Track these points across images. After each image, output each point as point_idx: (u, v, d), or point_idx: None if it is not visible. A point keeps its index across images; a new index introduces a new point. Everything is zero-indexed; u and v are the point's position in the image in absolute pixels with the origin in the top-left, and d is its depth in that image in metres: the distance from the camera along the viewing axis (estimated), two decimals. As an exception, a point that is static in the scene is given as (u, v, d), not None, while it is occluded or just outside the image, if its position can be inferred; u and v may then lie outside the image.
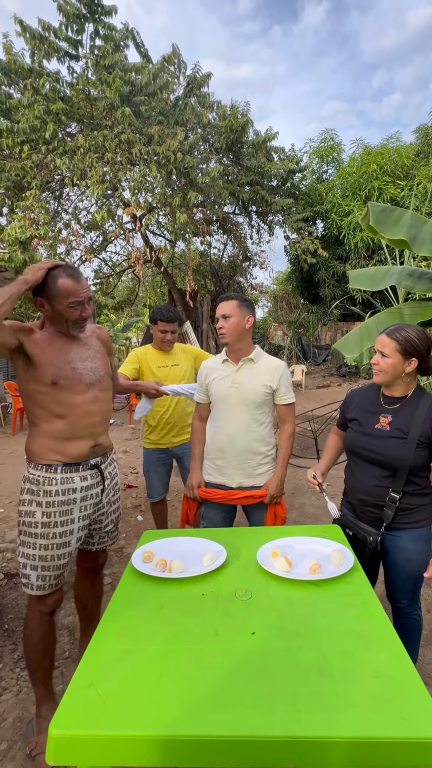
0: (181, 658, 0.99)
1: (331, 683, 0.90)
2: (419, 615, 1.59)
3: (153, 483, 2.60)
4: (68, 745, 0.82)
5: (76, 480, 1.47)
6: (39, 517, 1.42)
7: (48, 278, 1.39)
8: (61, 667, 1.83)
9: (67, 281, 1.38)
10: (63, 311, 1.41)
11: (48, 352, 1.42)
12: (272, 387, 1.80)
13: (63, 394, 1.43)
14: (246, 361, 1.81)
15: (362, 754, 0.80)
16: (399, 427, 1.43)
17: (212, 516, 1.90)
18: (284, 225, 10.79)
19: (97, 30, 7.67)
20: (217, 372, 1.86)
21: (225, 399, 1.81)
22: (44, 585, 1.44)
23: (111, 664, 0.98)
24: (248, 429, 1.79)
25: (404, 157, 11.96)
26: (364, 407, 1.55)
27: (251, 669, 0.95)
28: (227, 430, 1.81)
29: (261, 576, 1.30)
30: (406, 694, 0.87)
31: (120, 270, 12.48)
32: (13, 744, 1.49)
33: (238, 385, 1.79)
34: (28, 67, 7.49)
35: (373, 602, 1.16)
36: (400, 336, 1.41)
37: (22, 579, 1.45)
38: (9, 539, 3.04)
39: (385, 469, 1.46)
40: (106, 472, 1.59)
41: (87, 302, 1.44)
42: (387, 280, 3.29)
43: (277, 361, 1.87)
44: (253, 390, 1.78)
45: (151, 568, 1.33)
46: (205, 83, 8.65)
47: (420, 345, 1.40)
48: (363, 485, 1.52)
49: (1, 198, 8.02)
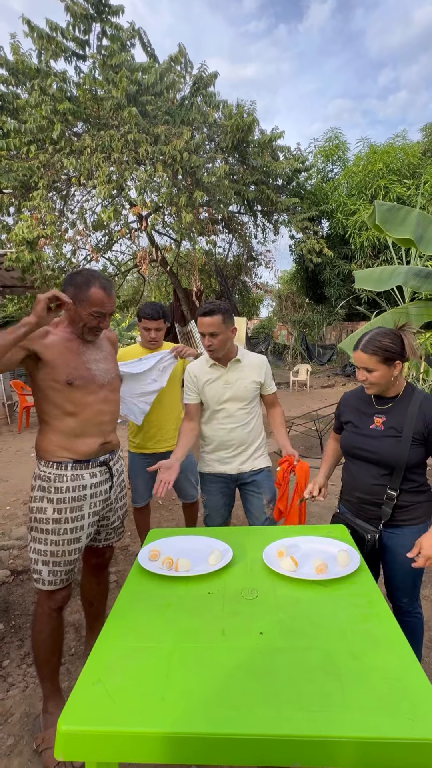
0: (188, 657, 1.00)
1: (338, 683, 0.90)
2: (420, 614, 1.59)
3: (138, 487, 2.54)
4: (77, 740, 0.83)
5: (86, 477, 1.50)
6: (50, 514, 1.44)
7: (82, 281, 1.45)
8: (67, 664, 1.84)
9: (99, 292, 1.45)
10: (84, 317, 1.46)
11: (63, 353, 1.46)
12: (260, 381, 1.97)
13: (77, 393, 1.46)
14: (234, 362, 1.93)
15: (369, 754, 0.80)
16: (393, 426, 1.45)
17: (214, 503, 2.01)
18: (289, 224, 10.77)
19: (104, 30, 7.70)
20: (207, 376, 1.94)
21: (218, 399, 1.93)
22: (55, 580, 1.46)
23: (118, 662, 0.99)
24: (245, 422, 1.95)
25: (411, 155, 11.89)
26: (358, 409, 1.58)
27: (257, 668, 0.96)
28: (227, 426, 1.94)
29: (267, 575, 1.30)
30: (413, 695, 0.87)
31: (125, 269, 12.52)
32: (20, 739, 1.51)
33: (230, 384, 1.92)
34: (35, 67, 7.53)
35: (380, 603, 1.16)
36: (376, 347, 1.41)
37: (34, 574, 1.47)
38: (15, 536, 3.06)
39: (382, 467, 1.47)
40: (114, 469, 1.62)
41: (108, 316, 1.50)
42: (393, 280, 3.27)
43: (260, 357, 2.02)
44: (245, 387, 1.93)
45: (157, 567, 1.33)
46: (211, 83, 8.65)
47: (397, 347, 1.42)
48: (361, 484, 1.54)
49: (9, 198, 8.07)
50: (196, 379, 1.95)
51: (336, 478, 4.71)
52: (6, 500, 3.89)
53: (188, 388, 1.98)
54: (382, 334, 1.43)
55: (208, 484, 2.03)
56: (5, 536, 3.10)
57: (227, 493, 2.03)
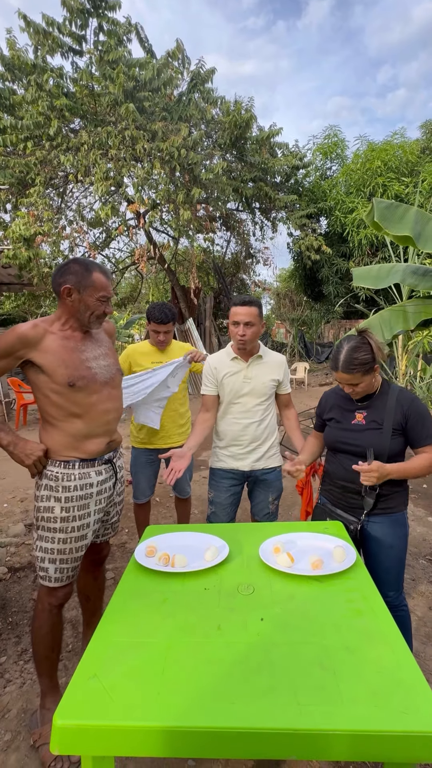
0: (184, 651, 1.00)
1: (333, 677, 0.91)
2: (406, 606, 1.63)
3: (140, 483, 2.55)
4: (72, 734, 0.83)
5: (93, 475, 1.50)
6: (58, 512, 1.44)
7: (82, 269, 1.43)
8: (65, 660, 1.85)
9: (101, 276, 1.45)
10: (91, 304, 1.45)
11: (61, 354, 1.42)
12: (279, 380, 1.99)
13: (79, 394, 1.44)
14: (255, 358, 1.95)
15: (363, 746, 0.81)
16: (374, 419, 1.54)
17: (222, 499, 2.01)
18: (288, 222, 10.75)
19: (101, 25, 7.64)
20: (227, 368, 1.96)
21: (238, 393, 1.94)
22: (62, 577, 1.47)
23: (114, 657, 0.99)
24: (260, 419, 1.96)
25: (409, 153, 11.86)
26: (339, 406, 1.66)
27: (253, 662, 0.96)
28: (242, 421, 1.96)
29: (263, 571, 1.31)
30: (407, 688, 0.88)
31: (123, 267, 12.48)
32: (17, 735, 1.51)
33: (250, 380, 1.93)
34: (31, 62, 7.47)
35: (376, 598, 1.16)
36: (356, 365, 1.47)
37: (40, 572, 1.48)
38: (12, 534, 3.06)
39: (365, 458, 1.54)
40: (117, 466, 1.63)
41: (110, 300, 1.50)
42: (391, 277, 3.27)
43: (280, 357, 2.05)
44: (264, 384, 1.94)
45: (154, 563, 1.34)
46: (209, 79, 8.60)
47: (371, 356, 1.48)
48: (345, 472, 1.59)
49: (5, 195, 8.02)
50: (216, 371, 1.96)
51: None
52: (3, 498, 3.89)
53: (207, 379, 2.00)
54: (355, 350, 1.48)
55: (217, 479, 2.03)
56: (2, 533, 3.10)
57: (235, 491, 2.03)
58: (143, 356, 2.44)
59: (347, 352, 1.48)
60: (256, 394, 1.94)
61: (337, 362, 1.51)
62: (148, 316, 2.35)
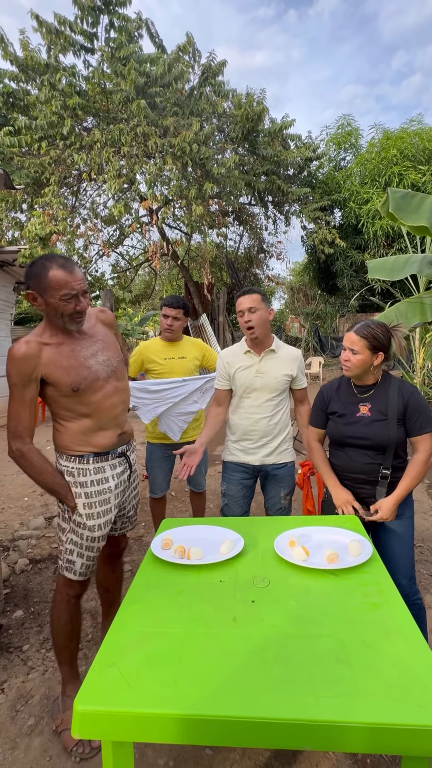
0: (200, 642, 1.02)
1: (349, 670, 0.91)
2: (420, 599, 1.63)
3: (156, 478, 2.58)
4: (92, 720, 0.86)
5: (107, 469, 1.52)
6: (81, 509, 1.47)
7: (39, 269, 1.32)
8: (84, 650, 1.90)
9: (59, 272, 1.31)
10: (56, 305, 1.34)
11: (61, 363, 1.39)
12: (292, 375, 1.95)
13: (85, 395, 1.44)
14: (268, 351, 1.93)
15: (379, 739, 0.81)
16: (379, 410, 1.57)
17: (234, 492, 2.02)
18: (301, 215, 10.63)
19: (111, 22, 7.66)
20: (240, 362, 1.96)
21: (250, 387, 1.93)
22: (86, 572, 1.51)
23: (132, 646, 1.01)
24: (271, 414, 1.94)
25: (426, 140, 11.54)
26: (341, 400, 1.67)
27: (269, 654, 0.97)
28: (253, 416, 1.95)
29: (278, 564, 1.31)
30: (424, 682, 0.87)
31: (137, 264, 12.55)
32: (40, 720, 1.56)
33: (262, 374, 1.91)
34: (44, 62, 7.54)
35: (392, 592, 1.16)
36: (368, 333, 1.53)
37: (66, 564, 1.50)
38: (33, 526, 3.14)
39: (374, 450, 1.58)
40: (131, 459, 1.64)
41: (82, 295, 1.36)
42: (407, 269, 3.21)
43: (295, 351, 2.02)
44: (276, 379, 1.92)
45: (170, 555, 1.36)
46: (220, 71, 8.54)
47: (385, 341, 1.54)
48: (356, 464, 1.62)
49: (21, 195, 8.15)
50: (228, 365, 1.97)
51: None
52: (24, 492, 3.99)
53: (219, 374, 2.01)
54: (376, 324, 1.55)
55: (229, 472, 2.04)
56: (24, 526, 3.18)
57: (247, 484, 2.03)
58: (154, 352, 2.47)
59: (369, 321, 1.56)
60: (268, 388, 1.92)
61: (353, 325, 1.57)
62: (161, 303, 2.43)
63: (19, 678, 1.76)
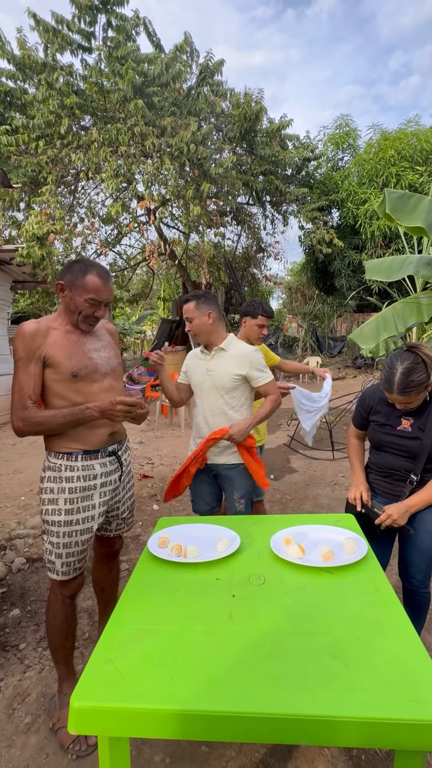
0: (196, 639, 1.02)
1: (344, 666, 0.92)
2: (428, 592, 1.65)
3: None
4: (88, 715, 0.86)
5: (96, 467, 1.52)
6: (62, 505, 1.46)
7: (80, 268, 1.45)
8: (81, 648, 1.90)
9: (96, 279, 1.45)
10: (80, 304, 1.45)
11: (65, 347, 1.46)
12: (242, 374, 1.90)
13: (82, 384, 1.47)
14: (218, 350, 1.93)
15: (373, 734, 0.82)
16: (419, 426, 1.58)
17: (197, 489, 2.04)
18: (299, 215, 10.64)
19: (109, 21, 7.64)
20: (195, 360, 2.01)
21: (200, 385, 1.96)
22: (68, 570, 1.50)
23: (129, 643, 1.02)
24: (221, 412, 1.93)
25: (423, 141, 11.58)
26: (385, 409, 1.65)
27: (264, 651, 0.98)
28: (203, 413, 1.97)
29: (274, 562, 1.32)
30: (418, 678, 0.88)
31: (134, 263, 12.53)
32: (37, 718, 1.56)
33: (212, 372, 1.92)
34: (41, 61, 7.52)
35: (387, 589, 1.17)
36: (414, 386, 1.45)
37: (48, 564, 1.51)
38: (30, 525, 3.14)
39: (409, 457, 1.61)
40: (123, 459, 1.64)
41: (105, 305, 1.50)
42: (404, 269, 3.22)
43: (247, 349, 1.94)
44: (222, 377, 1.90)
45: (166, 553, 1.36)
46: (217, 71, 8.53)
47: (427, 375, 1.46)
48: (394, 459, 1.64)
49: (18, 194, 8.13)
50: (187, 363, 2.04)
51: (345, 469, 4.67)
52: (21, 491, 3.98)
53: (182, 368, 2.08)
54: (410, 372, 1.45)
55: None
56: (21, 525, 3.18)
57: (206, 480, 2.01)
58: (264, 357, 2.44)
59: (402, 375, 1.45)
60: (218, 387, 1.90)
61: (391, 385, 1.47)
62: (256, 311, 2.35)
63: (16, 676, 1.76)
